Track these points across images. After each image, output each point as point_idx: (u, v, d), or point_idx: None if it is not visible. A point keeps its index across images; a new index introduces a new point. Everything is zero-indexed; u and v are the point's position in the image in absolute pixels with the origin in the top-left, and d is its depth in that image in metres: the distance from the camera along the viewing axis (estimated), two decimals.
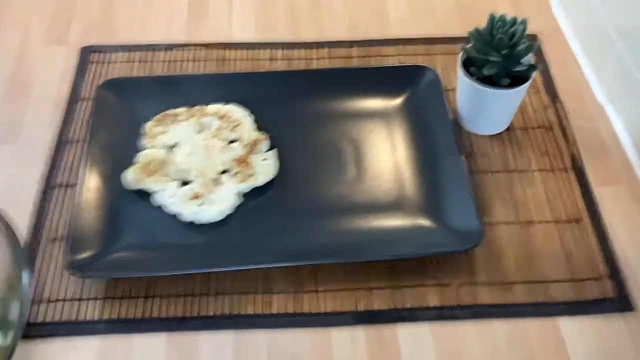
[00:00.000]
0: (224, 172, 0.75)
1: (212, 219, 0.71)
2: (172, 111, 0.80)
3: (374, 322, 0.65)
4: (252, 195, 0.74)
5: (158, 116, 0.80)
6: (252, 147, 0.77)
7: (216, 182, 0.74)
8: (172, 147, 0.77)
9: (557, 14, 0.96)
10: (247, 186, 0.74)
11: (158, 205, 0.72)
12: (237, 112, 0.80)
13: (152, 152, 0.76)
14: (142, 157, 0.76)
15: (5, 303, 0.52)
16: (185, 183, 0.74)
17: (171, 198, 0.72)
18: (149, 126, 0.79)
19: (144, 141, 0.78)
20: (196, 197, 0.72)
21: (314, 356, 0.63)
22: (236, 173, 0.74)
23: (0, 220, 0.53)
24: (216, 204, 0.71)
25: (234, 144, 0.78)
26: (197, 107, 0.80)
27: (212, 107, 0.81)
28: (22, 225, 0.73)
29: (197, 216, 0.71)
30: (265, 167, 0.75)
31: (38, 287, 0.68)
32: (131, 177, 0.74)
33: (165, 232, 0.71)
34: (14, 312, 0.51)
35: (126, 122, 0.80)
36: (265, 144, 0.77)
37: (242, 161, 0.75)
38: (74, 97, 0.85)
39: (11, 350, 0.48)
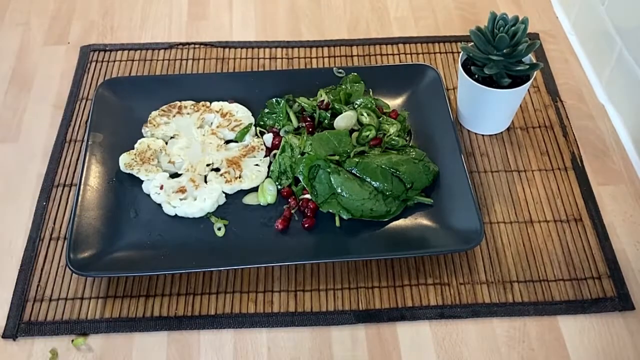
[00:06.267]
0: (214, 170, 0.76)
1: (192, 214, 0.71)
2: (179, 103, 0.81)
3: (375, 320, 0.66)
4: None
5: (165, 106, 0.80)
6: (249, 151, 0.77)
7: (204, 179, 0.75)
8: (170, 138, 0.78)
9: (558, 13, 0.96)
10: (232, 188, 0.74)
11: (158, 204, 0.73)
12: (240, 112, 0.80)
13: (150, 141, 0.77)
14: (140, 144, 0.76)
15: None
16: (175, 175, 0.75)
17: (157, 188, 0.73)
18: (153, 115, 0.79)
19: (146, 129, 0.78)
20: (181, 190, 0.72)
21: (314, 354, 0.64)
22: (224, 173, 0.74)
23: None
24: (198, 201, 0.72)
25: (231, 144, 0.78)
26: (203, 102, 0.81)
27: (217, 104, 0.81)
28: (23, 224, 0.73)
29: (178, 210, 0.71)
30: (255, 172, 0.75)
31: (39, 286, 0.68)
32: (125, 161, 0.74)
33: (166, 232, 0.71)
34: None
35: (126, 121, 0.80)
36: (262, 151, 0.77)
37: (234, 162, 0.75)
38: (74, 97, 0.85)
39: None
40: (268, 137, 0.78)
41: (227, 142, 0.79)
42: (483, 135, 0.81)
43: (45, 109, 0.84)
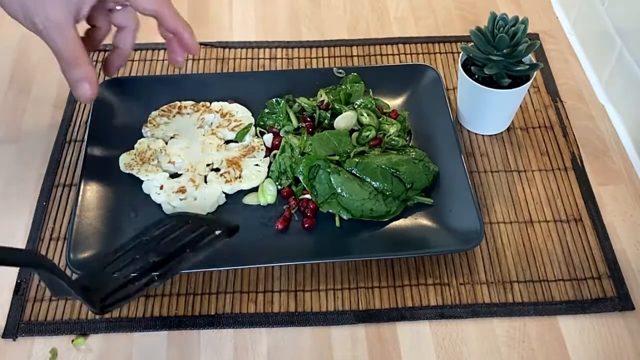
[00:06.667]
0: (214, 170, 0.76)
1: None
2: (179, 103, 0.81)
3: (375, 320, 0.66)
4: None
5: (165, 106, 0.80)
6: (249, 151, 0.77)
7: (204, 179, 0.75)
8: (170, 138, 0.78)
9: (558, 13, 0.96)
10: (231, 188, 0.74)
11: (158, 204, 0.73)
12: (240, 112, 0.80)
13: (150, 141, 0.77)
14: (140, 144, 0.76)
15: None
16: (175, 176, 0.75)
17: (157, 188, 0.73)
18: (153, 115, 0.80)
19: (146, 129, 0.78)
20: (181, 190, 0.72)
21: (314, 355, 0.64)
22: (224, 173, 0.74)
23: None
24: (198, 201, 0.72)
25: (231, 144, 0.78)
26: (203, 102, 0.81)
27: (217, 104, 0.81)
28: (23, 224, 0.73)
29: (177, 210, 0.71)
30: (255, 172, 0.75)
31: (39, 286, 0.68)
32: (125, 161, 0.74)
33: None
34: None
35: (126, 121, 0.80)
36: (262, 151, 0.77)
37: (234, 163, 0.75)
38: (74, 97, 0.85)
39: None
40: (268, 137, 0.78)
41: (227, 142, 0.79)
42: (483, 135, 0.81)
43: (45, 109, 0.84)
